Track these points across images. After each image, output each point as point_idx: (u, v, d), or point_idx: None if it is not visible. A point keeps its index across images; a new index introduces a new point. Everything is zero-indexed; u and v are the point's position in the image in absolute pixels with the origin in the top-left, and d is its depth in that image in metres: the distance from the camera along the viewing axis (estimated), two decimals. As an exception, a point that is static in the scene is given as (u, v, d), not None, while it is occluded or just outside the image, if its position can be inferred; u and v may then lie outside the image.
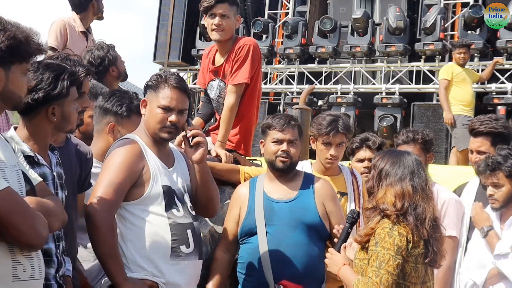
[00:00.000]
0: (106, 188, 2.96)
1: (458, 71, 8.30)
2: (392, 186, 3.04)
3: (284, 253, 3.49)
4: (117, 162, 3.02)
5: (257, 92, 4.53)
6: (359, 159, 4.39)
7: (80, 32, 5.85)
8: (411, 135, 4.27)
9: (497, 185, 3.79)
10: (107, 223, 2.92)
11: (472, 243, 3.98)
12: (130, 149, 3.06)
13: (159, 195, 3.07)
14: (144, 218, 3.03)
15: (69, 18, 5.89)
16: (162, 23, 11.72)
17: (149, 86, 3.18)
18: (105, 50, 5.00)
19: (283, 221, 3.54)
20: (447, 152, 9.11)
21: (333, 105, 10.30)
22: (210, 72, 4.57)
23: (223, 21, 4.34)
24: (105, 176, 3.00)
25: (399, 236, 2.93)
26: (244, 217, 3.63)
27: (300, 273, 3.46)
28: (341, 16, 11.04)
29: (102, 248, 2.92)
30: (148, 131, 3.15)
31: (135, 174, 3.04)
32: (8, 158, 2.38)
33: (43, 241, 2.32)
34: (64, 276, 2.76)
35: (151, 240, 3.01)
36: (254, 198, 3.63)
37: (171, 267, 3.02)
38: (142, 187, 3.05)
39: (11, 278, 2.25)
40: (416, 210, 2.99)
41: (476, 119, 4.36)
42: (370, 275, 2.91)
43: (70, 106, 2.81)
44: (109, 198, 2.95)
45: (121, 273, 2.91)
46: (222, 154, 4.18)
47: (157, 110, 3.11)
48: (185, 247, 3.06)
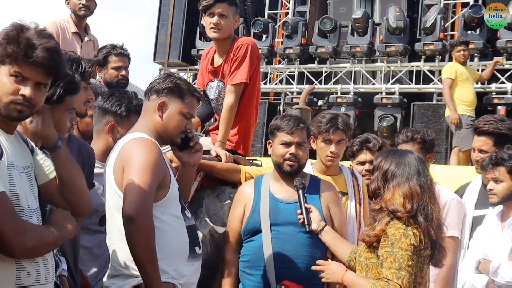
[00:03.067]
0: (142, 189, 2.82)
1: (461, 70, 8.30)
2: (400, 186, 3.03)
3: (288, 253, 3.49)
4: (146, 162, 2.89)
5: (256, 91, 4.52)
6: (360, 162, 4.36)
7: (72, 33, 5.84)
8: (410, 134, 4.28)
9: (498, 180, 3.80)
10: (150, 228, 2.80)
11: (472, 243, 3.98)
12: (155, 149, 2.98)
13: (176, 197, 3.06)
14: (164, 220, 2.97)
15: (63, 20, 5.88)
16: (162, 23, 11.72)
17: (171, 90, 3.11)
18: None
19: (288, 221, 3.54)
20: (447, 152, 9.10)
21: (333, 105, 10.30)
22: (209, 72, 4.56)
23: (222, 21, 4.33)
24: (138, 177, 2.85)
25: (414, 236, 2.93)
26: (249, 215, 3.62)
27: (303, 274, 3.46)
28: (341, 16, 11.03)
29: (144, 253, 2.77)
30: (162, 133, 3.10)
31: (162, 174, 2.97)
32: (20, 159, 2.36)
33: (26, 252, 2.27)
34: (60, 276, 2.76)
35: (173, 243, 2.97)
36: (260, 197, 3.63)
37: (189, 268, 3.02)
38: (163, 189, 2.98)
39: (14, 283, 2.24)
40: (425, 211, 2.99)
41: (482, 118, 4.37)
42: (390, 277, 2.89)
43: (63, 114, 2.75)
44: (147, 200, 2.83)
45: (159, 278, 2.83)
46: (222, 154, 4.17)
47: (180, 116, 3.10)
48: (198, 248, 3.08)
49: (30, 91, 2.31)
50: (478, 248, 3.87)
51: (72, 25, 5.88)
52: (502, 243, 3.74)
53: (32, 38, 2.30)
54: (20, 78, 2.31)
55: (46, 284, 2.36)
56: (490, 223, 3.92)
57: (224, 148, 4.26)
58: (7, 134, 2.36)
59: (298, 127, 3.63)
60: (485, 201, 3.96)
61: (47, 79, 2.38)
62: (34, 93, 2.32)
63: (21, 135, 2.48)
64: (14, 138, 2.41)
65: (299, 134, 3.63)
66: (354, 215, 3.91)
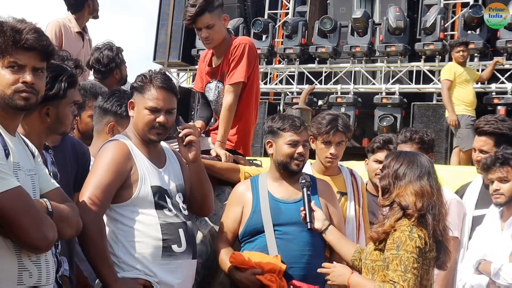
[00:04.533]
0: (94, 189, 2.94)
1: (460, 71, 8.30)
2: (411, 183, 3.05)
3: (293, 253, 3.48)
4: (105, 163, 3.01)
5: (255, 91, 4.51)
6: (378, 160, 4.31)
7: (75, 33, 5.84)
8: (409, 135, 4.27)
9: (505, 179, 3.79)
10: (96, 225, 2.90)
11: (472, 243, 3.98)
12: (118, 150, 3.05)
13: (148, 196, 3.05)
14: (134, 219, 3.02)
15: (64, 19, 5.88)
16: (162, 23, 11.72)
17: (135, 88, 3.16)
18: (115, 52, 5.03)
19: (291, 221, 3.53)
20: (447, 152, 9.10)
21: (333, 105, 10.29)
22: (207, 74, 4.55)
23: (210, 32, 4.30)
24: (93, 177, 2.98)
25: (419, 238, 2.94)
26: (249, 216, 3.60)
27: (308, 273, 3.45)
28: (341, 16, 11.04)
29: (91, 250, 2.90)
30: (137, 132, 3.14)
31: (123, 175, 3.02)
32: (24, 161, 2.37)
33: (48, 244, 2.31)
34: (62, 276, 2.76)
35: (142, 240, 3.00)
36: (259, 197, 3.61)
37: (162, 266, 3.01)
38: (130, 189, 3.04)
39: (16, 282, 2.24)
40: (433, 210, 3.01)
41: (482, 118, 4.37)
42: (396, 279, 2.90)
43: (66, 108, 2.79)
44: (97, 199, 2.93)
45: (111, 274, 2.91)
46: (222, 154, 4.17)
47: (144, 112, 3.10)
48: (176, 246, 3.05)
49: (31, 77, 2.34)
50: (478, 248, 3.86)
51: (75, 24, 5.88)
52: (502, 243, 3.74)
53: (15, 25, 2.33)
54: (17, 68, 2.33)
55: (47, 285, 2.36)
56: (490, 223, 3.91)
57: (224, 148, 4.25)
58: (10, 135, 2.36)
59: (303, 126, 3.64)
60: (485, 201, 3.96)
61: (42, 63, 2.40)
62: (34, 78, 2.35)
63: (22, 138, 2.48)
64: (17, 139, 2.41)
65: (305, 134, 3.65)
66: (353, 216, 3.91)
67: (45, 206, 2.36)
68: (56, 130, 2.82)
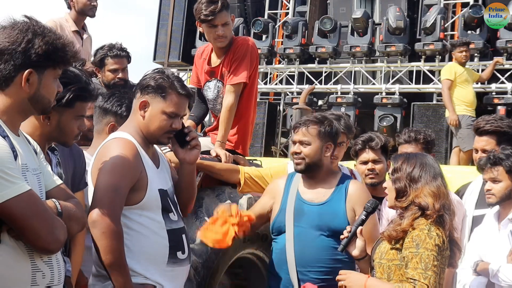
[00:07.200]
0: (110, 192, 2.80)
1: (460, 71, 8.30)
2: (428, 184, 3.06)
3: (309, 256, 3.46)
4: (118, 164, 2.85)
5: (255, 91, 4.52)
6: (363, 161, 4.32)
7: (73, 32, 5.83)
8: (413, 135, 4.27)
9: (496, 179, 3.80)
10: (116, 231, 2.76)
11: (470, 244, 3.98)
12: (129, 150, 2.91)
13: (156, 200, 2.97)
14: (142, 224, 2.92)
15: (61, 18, 5.86)
16: (162, 23, 11.72)
17: (152, 88, 3.01)
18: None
19: (311, 224, 3.50)
20: (447, 152, 9.11)
21: (333, 105, 10.29)
22: (205, 73, 4.52)
23: (226, 29, 4.31)
24: (107, 179, 2.83)
25: (438, 237, 2.96)
26: (277, 214, 3.60)
27: (324, 277, 3.43)
28: (341, 16, 11.03)
29: (110, 257, 2.75)
30: (146, 133, 3.02)
31: (135, 177, 2.90)
32: (30, 161, 2.37)
33: (60, 245, 2.31)
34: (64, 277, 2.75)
35: (150, 247, 2.92)
36: (288, 196, 3.60)
37: (166, 273, 2.96)
38: (140, 191, 2.92)
39: (30, 283, 2.25)
40: (449, 210, 3.05)
41: (481, 118, 4.36)
42: (416, 277, 2.89)
43: (70, 119, 2.74)
44: (115, 203, 2.80)
45: (129, 282, 2.79)
46: (222, 154, 4.17)
47: (162, 116, 2.99)
48: (181, 253, 3.01)
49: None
50: (476, 249, 3.86)
51: (71, 23, 5.86)
52: (499, 244, 3.74)
53: (58, 41, 2.37)
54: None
55: (58, 284, 2.37)
56: (487, 224, 3.91)
57: (224, 148, 4.25)
58: (15, 135, 2.36)
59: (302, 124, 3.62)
60: (485, 201, 3.95)
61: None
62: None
63: (24, 135, 2.48)
64: (21, 139, 2.41)
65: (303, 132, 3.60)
66: (353, 216, 3.89)
67: (54, 207, 2.35)
68: (56, 138, 2.78)
